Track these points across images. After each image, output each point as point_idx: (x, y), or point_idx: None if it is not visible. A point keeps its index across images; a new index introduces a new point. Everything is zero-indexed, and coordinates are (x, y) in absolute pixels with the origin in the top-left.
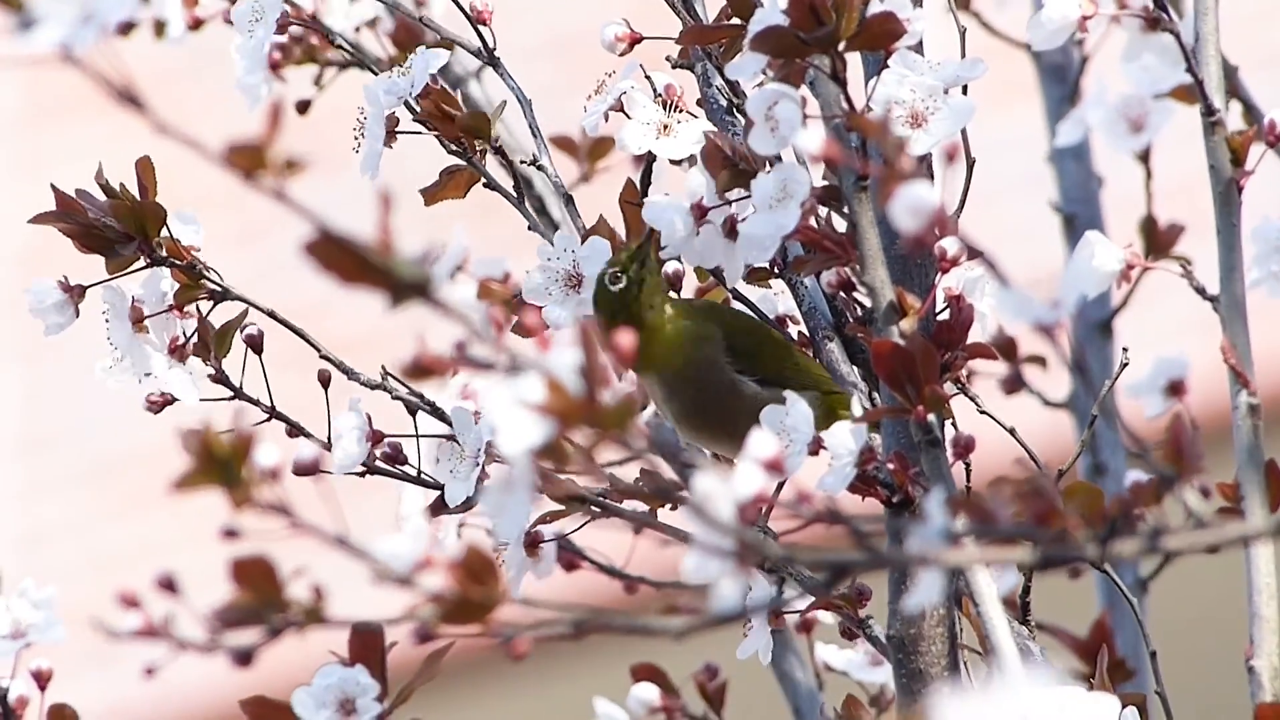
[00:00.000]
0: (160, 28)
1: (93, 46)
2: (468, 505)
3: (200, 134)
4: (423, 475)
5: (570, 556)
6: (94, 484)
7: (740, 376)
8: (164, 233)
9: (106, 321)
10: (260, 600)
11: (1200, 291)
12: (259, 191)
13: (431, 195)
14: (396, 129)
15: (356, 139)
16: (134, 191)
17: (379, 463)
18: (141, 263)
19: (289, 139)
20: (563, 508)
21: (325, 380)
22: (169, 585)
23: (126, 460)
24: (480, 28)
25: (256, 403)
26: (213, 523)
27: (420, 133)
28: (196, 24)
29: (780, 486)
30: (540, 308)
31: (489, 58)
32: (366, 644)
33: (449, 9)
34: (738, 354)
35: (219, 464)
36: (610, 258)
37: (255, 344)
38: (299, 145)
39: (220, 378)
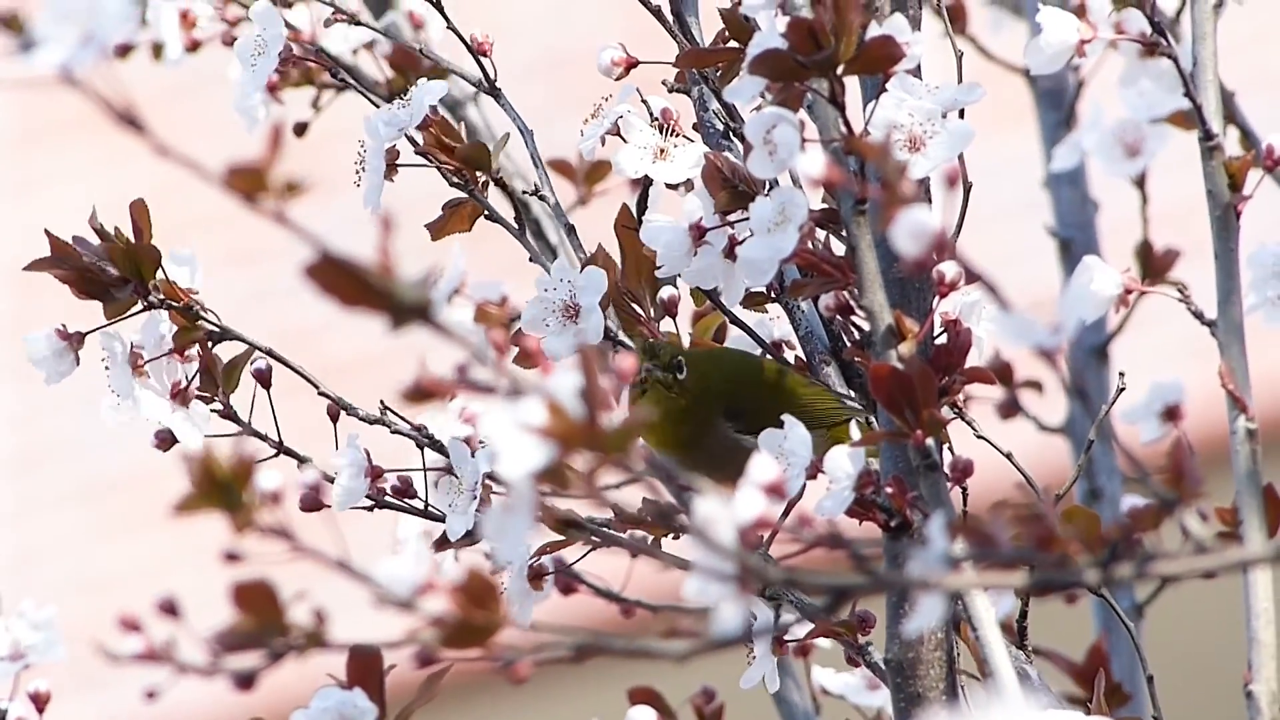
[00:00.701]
0: (158, 50)
1: (92, 68)
2: (470, 539)
3: (197, 154)
4: (430, 509)
5: (567, 580)
6: (87, 504)
7: (741, 436)
8: (160, 274)
9: (106, 369)
10: (261, 624)
11: (1198, 316)
12: (259, 214)
13: (437, 230)
14: (397, 161)
15: (357, 171)
16: (128, 233)
17: (387, 497)
18: (138, 306)
19: (286, 161)
20: (563, 538)
21: (334, 415)
22: (170, 608)
23: (120, 481)
24: (481, 59)
25: (265, 438)
26: (207, 543)
27: (422, 165)
28: (194, 46)
29: (787, 512)
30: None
31: (490, 88)
32: (365, 667)
33: (447, 33)
34: (737, 416)
35: (220, 487)
36: (666, 351)
37: (263, 379)
38: (296, 167)
39: (228, 413)
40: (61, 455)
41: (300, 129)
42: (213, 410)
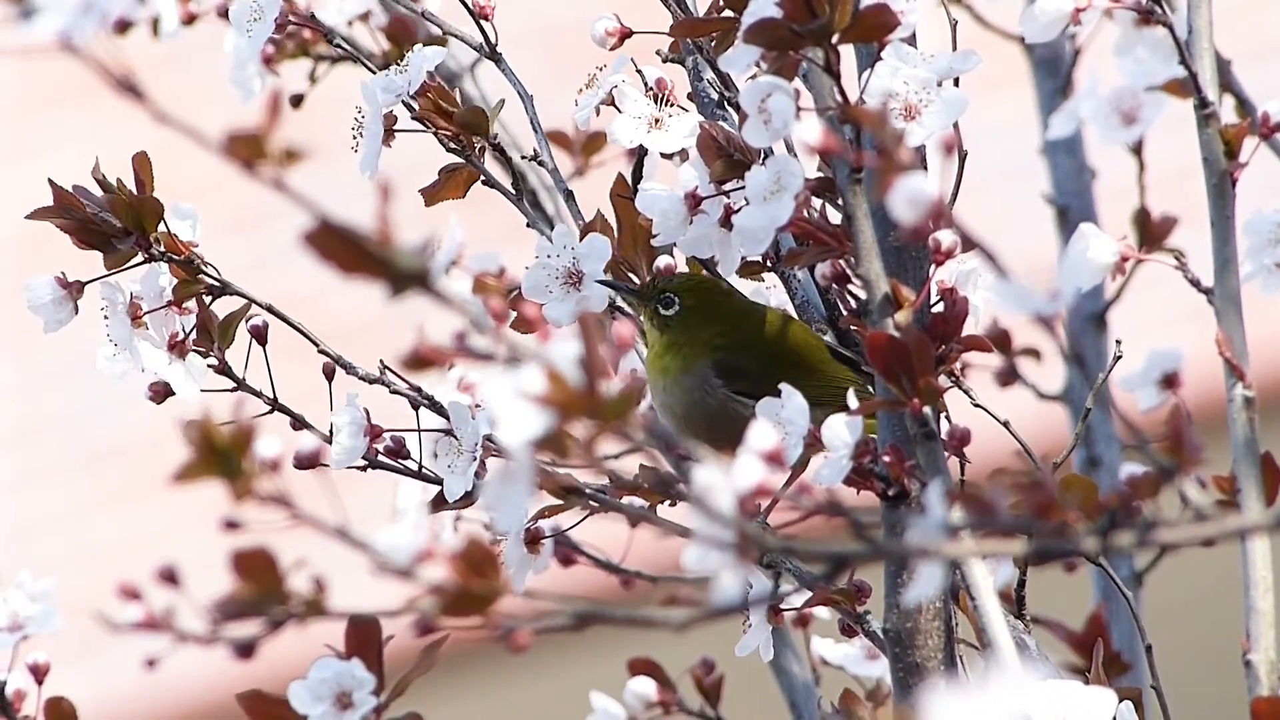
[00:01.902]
0: (156, 25)
1: (91, 36)
2: (467, 500)
3: (196, 122)
4: (424, 470)
5: (566, 551)
6: (86, 474)
7: (736, 399)
8: (161, 227)
9: (105, 318)
10: (261, 592)
11: (1195, 284)
12: (258, 181)
13: (431, 195)
14: (395, 127)
15: (355, 137)
16: (130, 186)
17: (381, 457)
18: (139, 258)
19: (284, 129)
20: (560, 503)
21: (329, 373)
22: (170, 577)
23: (119, 450)
24: (482, 22)
25: (259, 394)
26: (206, 512)
27: (419, 131)
28: (191, 19)
29: (789, 483)
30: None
31: (491, 52)
32: (363, 637)
33: (445, 2)
34: (735, 375)
35: (219, 455)
36: (684, 277)
37: (260, 335)
38: (292, 136)
39: (223, 369)
40: (60, 425)
41: (296, 101)
42: (208, 365)
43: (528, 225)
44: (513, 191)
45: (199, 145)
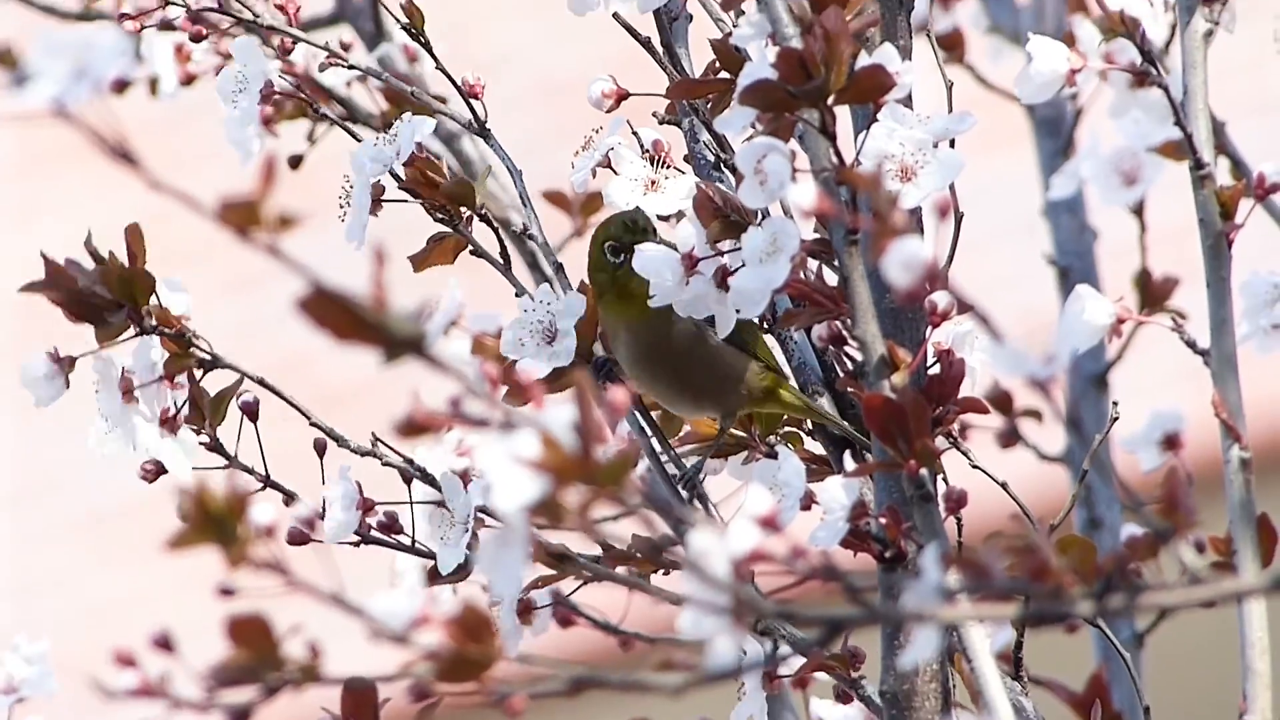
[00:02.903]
0: (154, 84)
1: (86, 101)
2: (461, 573)
3: (192, 185)
4: (417, 544)
5: (565, 613)
6: (85, 535)
7: (706, 326)
8: (153, 300)
9: (97, 393)
10: (256, 658)
11: (1191, 345)
12: (253, 247)
13: (420, 261)
14: (382, 198)
15: (342, 206)
16: (122, 258)
17: (374, 531)
18: (131, 331)
19: (280, 188)
20: (555, 572)
21: (320, 448)
22: (164, 643)
23: (118, 511)
24: (470, 101)
25: (251, 471)
26: (204, 574)
27: (406, 201)
28: (189, 79)
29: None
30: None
31: (480, 130)
32: (359, 702)
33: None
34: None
35: (214, 521)
36: (612, 222)
37: (251, 412)
38: (290, 196)
39: (215, 446)
40: (60, 486)
41: (295, 161)
42: (200, 443)
43: (516, 295)
44: (500, 261)
45: (192, 211)
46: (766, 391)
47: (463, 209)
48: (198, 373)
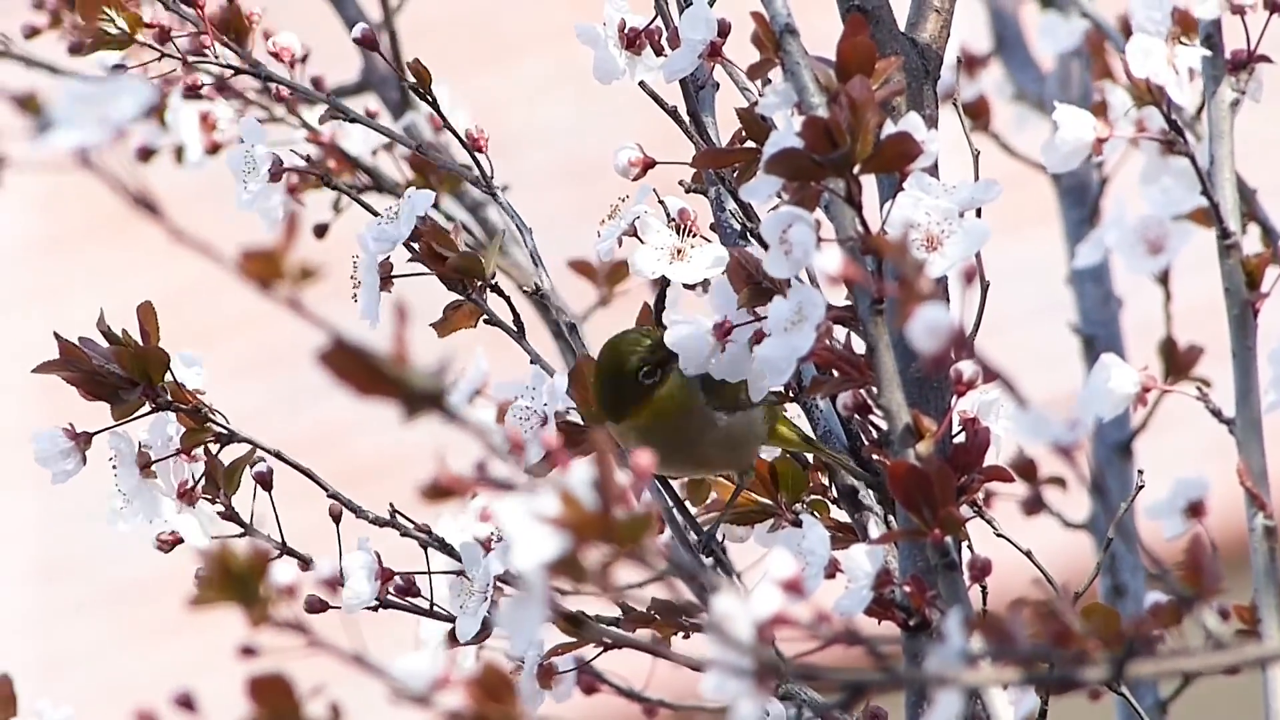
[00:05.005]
0: (180, 153)
1: (111, 160)
2: (482, 635)
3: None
4: (435, 609)
5: (589, 679)
6: (111, 610)
7: (715, 412)
8: (168, 376)
9: (114, 469)
10: (278, 718)
11: (1216, 414)
12: (273, 301)
13: (442, 328)
14: (393, 274)
15: (354, 284)
16: (136, 336)
17: (391, 595)
18: (146, 407)
19: (303, 252)
20: (574, 640)
21: (336, 516)
22: (186, 703)
23: (144, 587)
24: (479, 155)
25: (268, 539)
26: (228, 650)
27: (418, 275)
28: (215, 148)
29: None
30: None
31: (487, 187)
32: None
33: (468, 132)
34: (712, 392)
35: (236, 581)
36: (635, 340)
37: (265, 481)
38: (312, 258)
39: (230, 515)
40: (84, 562)
41: (320, 231)
42: (216, 512)
43: (531, 362)
44: (514, 329)
45: (215, 266)
46: (770, 432)
47: (476, 280)
48: (214, 447)
